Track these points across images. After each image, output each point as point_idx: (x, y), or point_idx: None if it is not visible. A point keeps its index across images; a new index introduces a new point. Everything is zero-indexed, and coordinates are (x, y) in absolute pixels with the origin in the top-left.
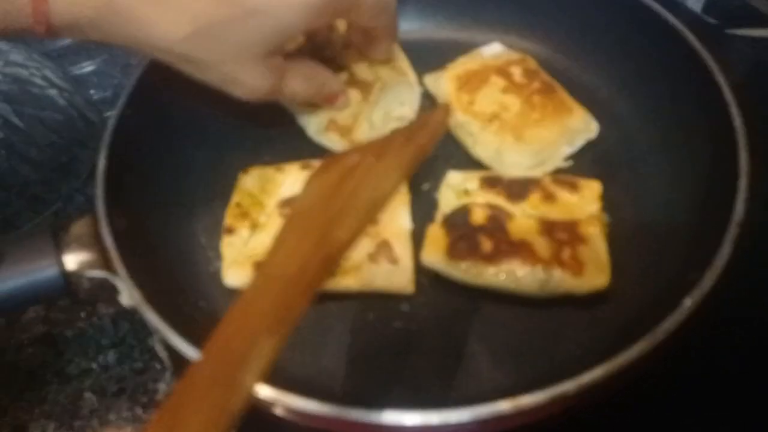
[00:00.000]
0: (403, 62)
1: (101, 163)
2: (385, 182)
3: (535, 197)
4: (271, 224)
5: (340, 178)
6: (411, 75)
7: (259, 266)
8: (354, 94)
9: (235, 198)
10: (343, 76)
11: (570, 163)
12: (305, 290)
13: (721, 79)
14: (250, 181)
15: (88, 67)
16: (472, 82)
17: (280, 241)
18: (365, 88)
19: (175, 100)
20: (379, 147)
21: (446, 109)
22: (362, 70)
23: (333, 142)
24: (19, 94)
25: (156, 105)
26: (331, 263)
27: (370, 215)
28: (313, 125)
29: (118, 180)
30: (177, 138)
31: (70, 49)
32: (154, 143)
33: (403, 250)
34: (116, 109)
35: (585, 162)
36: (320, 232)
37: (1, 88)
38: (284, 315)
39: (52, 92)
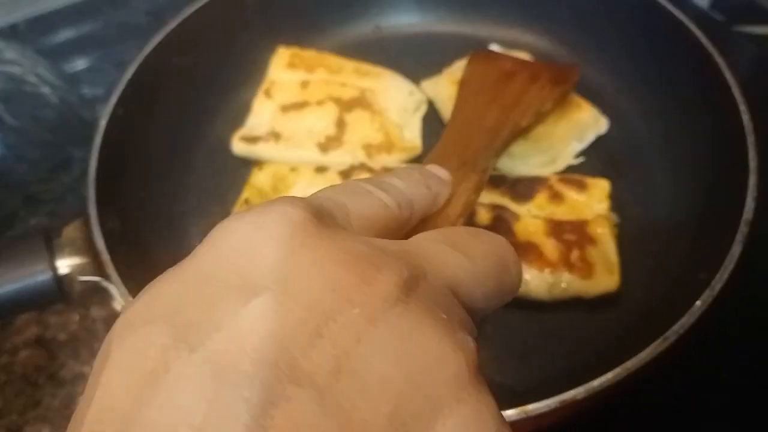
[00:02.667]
0: (360, 65)
1: (92, 164)
2: (543, 105)
3: (541, 197)
4: None
5: (500, 76)
6: (382, 69)
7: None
8: (360, 115)
9: (245, 194)
10: (332, 108)
11: (582, 159)
12: (498, 144)
13: (729, 75)
14: (262, 177)
15: (81, 65)
16: None
17: (462, 100)
18: (360, 104)
19: (168, 98)
20: (529, 69)
21: (576, 69)
22: (343, 90)
23: (378, 162)
24: (12, 93)
25: (148, 104)
26: (513, 138)
27: (531, 126)
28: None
29: (111, 181)
30: (172, 137)
31: (63, 46)
32: (147, 143)
33: None
34: (107, 109)
35: (589, 161)
36: (501, 108)
37: None
38: (482, 152)
39: (45, 90)
